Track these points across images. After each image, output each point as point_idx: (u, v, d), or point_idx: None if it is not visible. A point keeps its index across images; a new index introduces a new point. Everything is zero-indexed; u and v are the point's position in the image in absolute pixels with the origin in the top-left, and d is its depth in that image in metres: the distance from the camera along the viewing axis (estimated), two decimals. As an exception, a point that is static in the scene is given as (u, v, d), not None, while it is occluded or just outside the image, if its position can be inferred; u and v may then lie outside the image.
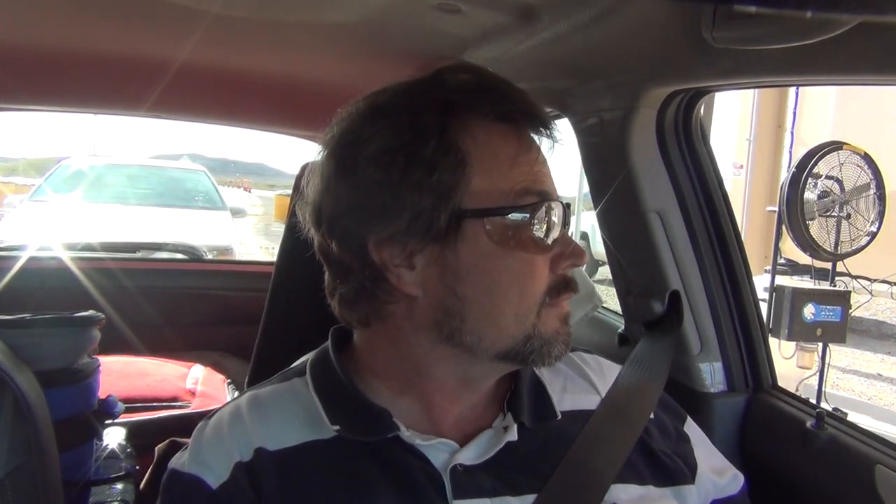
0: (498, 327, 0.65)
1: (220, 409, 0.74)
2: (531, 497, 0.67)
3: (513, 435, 0.70)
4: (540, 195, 0.66)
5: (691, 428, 0.84)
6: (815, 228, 3.24)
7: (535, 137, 0.70)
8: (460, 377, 0.69)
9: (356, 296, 0.69)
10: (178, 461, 0.69)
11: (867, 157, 3.27)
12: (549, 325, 0.67)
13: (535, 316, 0.66)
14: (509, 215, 0.64)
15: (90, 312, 1.24)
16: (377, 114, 0.67)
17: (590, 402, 0.78)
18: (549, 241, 0.66)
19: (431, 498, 0.65)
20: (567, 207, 0.69)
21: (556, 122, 1.30)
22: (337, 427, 0.67)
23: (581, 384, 0.80)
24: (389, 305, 0.68)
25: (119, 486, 1.14)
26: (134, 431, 1.32)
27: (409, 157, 0.63)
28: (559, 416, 0.74)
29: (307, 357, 0.78)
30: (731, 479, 0.82)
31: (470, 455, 0.68)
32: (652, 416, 0.80)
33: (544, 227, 0.65)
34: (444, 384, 0.70)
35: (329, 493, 0.65)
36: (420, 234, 0.64)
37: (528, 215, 0.65)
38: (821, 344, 3.48)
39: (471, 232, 0.64)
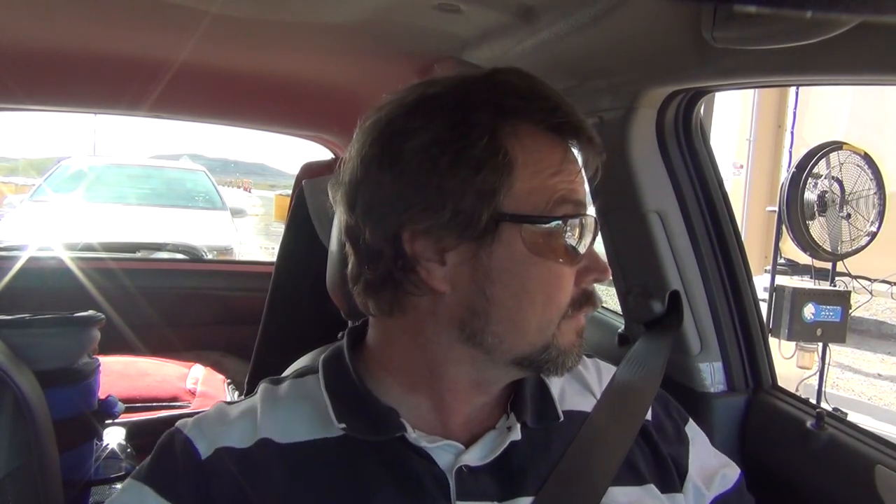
0: (520, 333, 0.66)
1: (242, 399, 0.75)
2: (531, 499, 0.67)
3: (516, 435, 0.70)
4: (576, 205, 0.67)
5: (693, 430, 0.84)
6: (816, 228, 3.24)
7: (575, 152, 0.70)
8: (473, 379, 0.70)
9: (382, 283, 0.68)
10: (183, 422, 0.71)
11: (867, 158, 3.26)
12: (567, 336, 0.68)
13: (556, 326, 0.67)
14: (545, 223, 0.65)
15: (90, 312, 1.24)
16: (428, 105, 0.66)
17: (586, 404, 0.78)
18: (576, 254, 0.67)
19: (436, 499, 0.65)
20: (597, 223, 0.69)
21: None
22: (343, 425, 0.67)
23: (577, 387, 0.80)
24: (414, 298, 0.67)
25: (119, 486, 1.15)
26: (134, 431, 1.33)
27: (457, 154, 0.63)
28: (562, 418, 0.74)
29: (320, 354, 0.78)
30: (721, 480, 0.81)
31: (475, 456, 0.68)
32: (650, 416, 0.80)
33: (576, 238, 0.66)
34: (456, 384, 0.70)
35: (333, 491, 0.65)
36: (457, 232, 0.64)
37: (562, 224, 0.65)
38: (821, 344, 3.48)
39: (507, 235, 0.64)
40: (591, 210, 0.70)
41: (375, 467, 0.66)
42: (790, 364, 3.53)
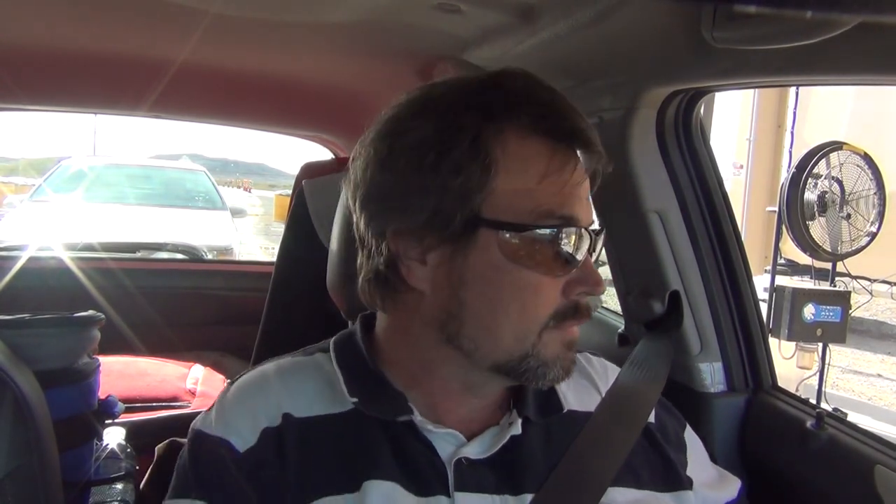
0: (494, 340, 0.65)
1: (244, 374, 0.75)
2: (531, 496, 0.68)
3: (517, 429, 0.70)
4: (563, 219, 0.64)
5: (690, 436, 0.84)
6: (816, 229, 3.24)
7: (583, 158, 0.67)
8: (462, 380, 0.70)
9: (375, 278, 0.69)
10: (204, 422, 0.70)
11: (867, 158, 3.27)
12: (550, 348, 0.66)
13: (535, 336, 0.65)
14: (524, 232, 0.63)
15: (90, 312, 1.24)
16: (425, 106, 0.67)
17: (592, 403, 0.78)
18: (564, 265, 0.64)
19: (434, 487, 0.66)
20: (595, 235, 0.66)
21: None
22: (355, 400, 0.68)
23: (584, 385, 0.80)
24: (401, 295, 0.68)
25: (119, 486, 1.14)
26: (134, 431, 1.32)
27: (440, 154, 0.63)
28: (565, 409, 0.74)
29: (306, 352, 0.78)
30: (727, 488, 0.82)
31: (475, 449, 0.68)
32: (654, 419, 0.80)
33: (561, 251, 0.64)
34: (447, 384, 0.70)
35: (341, 464, 0.66)
36: (436, 232, 0.64)
37: (544, 236, 0.63)
38: (821, 344, 3.48)
39: (484, 240, 0.63)
40: (593, 219, 0.68)
41: (381, 445, 0.67)
42: (790, 364, 3.53)
